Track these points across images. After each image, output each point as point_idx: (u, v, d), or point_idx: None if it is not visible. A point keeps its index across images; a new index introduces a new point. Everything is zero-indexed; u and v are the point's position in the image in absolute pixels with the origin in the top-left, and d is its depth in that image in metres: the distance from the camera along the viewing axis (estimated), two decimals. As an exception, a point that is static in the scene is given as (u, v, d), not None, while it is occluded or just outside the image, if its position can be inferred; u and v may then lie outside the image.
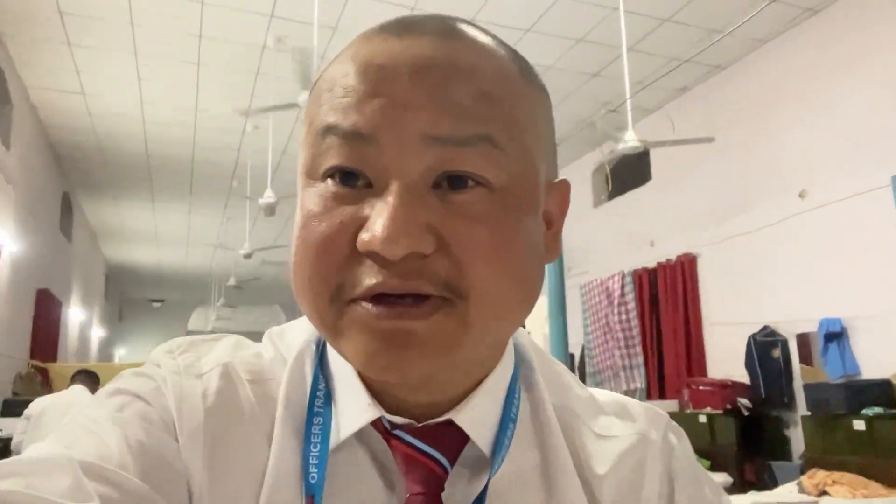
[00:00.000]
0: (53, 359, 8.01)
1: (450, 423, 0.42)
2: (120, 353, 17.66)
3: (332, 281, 0.37)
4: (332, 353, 0.45)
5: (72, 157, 7.69)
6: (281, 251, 8.79)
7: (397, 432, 0.42)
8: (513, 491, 0.43)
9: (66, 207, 8.81)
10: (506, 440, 0.43)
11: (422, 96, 0.37)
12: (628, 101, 4.10)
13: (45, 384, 6.43)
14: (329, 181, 0.39)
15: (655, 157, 6.35)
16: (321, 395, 0.44)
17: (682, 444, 0.51)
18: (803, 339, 4.97)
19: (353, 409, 0.42)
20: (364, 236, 0.36)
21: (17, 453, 3.41)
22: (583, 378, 6.44)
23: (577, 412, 0.49)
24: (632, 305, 6.15)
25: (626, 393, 5.39)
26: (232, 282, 10.46)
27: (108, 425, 0.39)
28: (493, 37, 0.42)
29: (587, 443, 0.47)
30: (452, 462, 0.42)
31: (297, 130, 6.63)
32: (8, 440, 3.61)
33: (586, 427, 0.48)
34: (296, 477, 0.41)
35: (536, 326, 6.28)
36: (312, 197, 0.39)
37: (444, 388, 0.42)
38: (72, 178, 8.50)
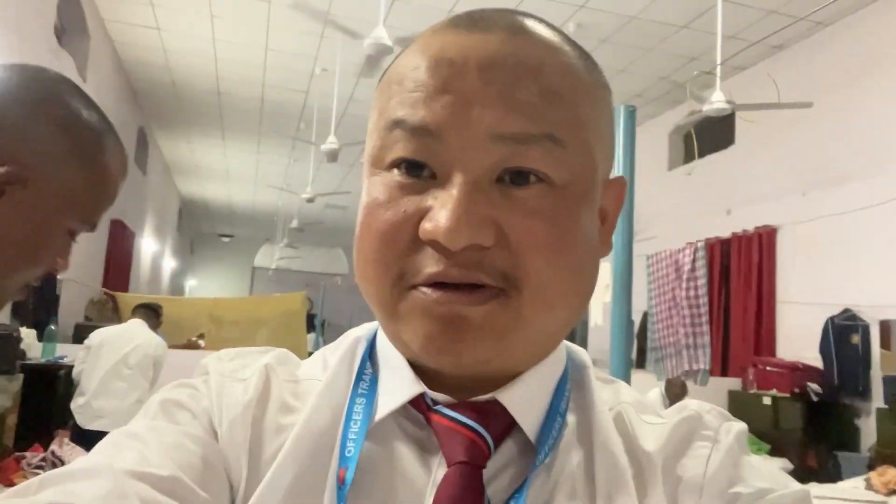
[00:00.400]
0: (125, 288, 8.40)
1: (495, 402, 0.42)
2: (190, 284, 18.50)
3: (395, 267, 0.39)
4: (381, 343, 0.47)
5: (147, 91, 7.85)
6: (343, 197, 8.83)
7: (438, 407, 0.42)
8: (556, 488, 0.41)
9: (142, 141, 9.07)
10: (553, 431, 0.42)
11: (490, 94, 0.38)
12: (718, 58, 3.76)
13: (116, 311, 6.73)
14: (395, 171, 0.40)
15: (741, 119, 5.95)
16: (367, 379, 0.45)
17: (738, 436, 0.45)
18: (886, 326, 4.68)
19: (397, 388, 0.43)
20: (427, 226, 0.37)
21: (78, 382, 3.57)
22: (642, 352, 6.25)
23: (631, 405, 0.47)
24: (702, 281, 5.85)
25: (688, 374, 5.20)
26: (295, 224, 10.65)
27: (148, 434, 0.41)
28: (561, 33, 0.43)
29: (638, 428, 0.45)
30: (497, 443, 0.42)
31: (363, 83, 6.55)
32: (71, 367, 3.75)
33: (638, 418, 0.46)
34: (334, 452, 0.42)
35: (597, 294, 6.09)
36: (378, 185, 0.41)
37: (498, 378, 0.42)
38: (147, 113, 8.71)
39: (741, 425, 0.45)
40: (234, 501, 0.42)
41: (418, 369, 0.43)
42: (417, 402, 0.43)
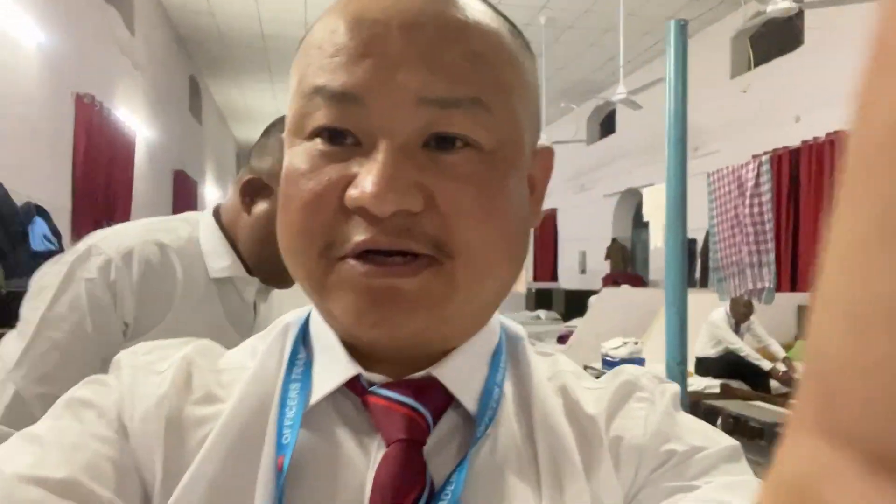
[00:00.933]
0: (194, 234, 8.70)
1: (431, 378, 0.41)
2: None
3: (321, 238, 0.38)
4: (314, 325, 0.46)
5: (194, 40, 7.89)
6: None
7: (374, 388, 0.41)
8: (498, 459, 0.41)
9: (194, 90, 9.20)
10: (492, 403, 0.42)
11: (414, 56, 0.37)
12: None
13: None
14: (317, 140, 0.39)
15: (812, 17, 5.51)
16: (300, 364, 0.44)
17: (673, 397, 0.46)
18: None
19: (332, 371, 0.42)
20: (353, 192, 0.36)
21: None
22: (704, 272, 6.09)
23: (571, 373, 0.47)
24: (767, 197, 5.59)
25: (752, 293, 5.06)
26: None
27: (48, 435, 0.39)
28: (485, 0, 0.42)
29: (579, 395, 0.45)
30: (436, 418, 0.41)
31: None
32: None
33: (579, 384, 0.46)
34: (267, 440, 0.40)
35: (655, 216, 5.93)
36: (299, 155, 0.39)
37: (430, 349, 0.42)
38: (196, 62, 8.79)
39: (675, 386, 0.46)
40: (151, 498, 0.39)
41: (352, 348, 0.42)
42: (353, 384, 0.42)
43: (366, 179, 0.36)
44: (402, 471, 0.38)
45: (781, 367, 4.81)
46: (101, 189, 5.00)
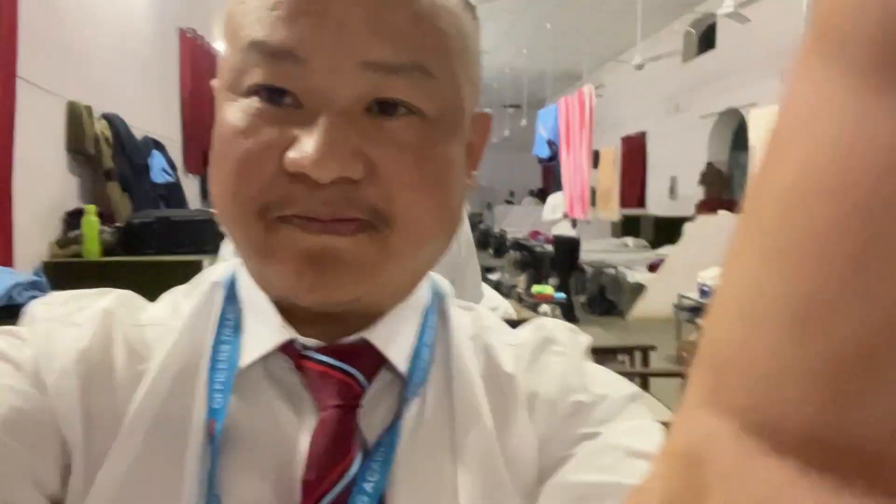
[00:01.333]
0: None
1: (364, 342, 0.42)
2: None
3: (258, 199, 0.37)
4: (243, 285, 0.44)
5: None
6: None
7: (308, 353, 0.41)
8: (426, 418, 0.42)
9: None
10: (421, 363, 0.43)
11: (358, 17, 0.36)
12: None
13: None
14: (254, 98, 0.37)
15: None
16: (230, 325, 0.43)
17: (584, 348, 0.48)
18: None
19: (264, 334, 0.42)
20: (293, 155, 0.36)
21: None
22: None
23: (491, 329, 0.49)
24: None
25: None
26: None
27: None
28: None
29: (500, 352, 0.47)
30: (369, 380, 0.42)
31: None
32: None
33: (499, 340, 0.48)
34: (196, 403, 0.39)
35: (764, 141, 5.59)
36: (235, 112, 0.38)
37: (363, 312, 0.42)
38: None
39: (587, 338, 0.49)
40: (71, 456, 0.38)
41: (284, 311, 0.42)
42: (286, 348, 0.42)
43: (307, 143, 0.35)
44: (336, 437, 0.39)
45: None
46: (207, 120, 5.20)
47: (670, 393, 3.08)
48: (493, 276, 7.71)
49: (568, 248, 6.85)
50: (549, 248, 9.52)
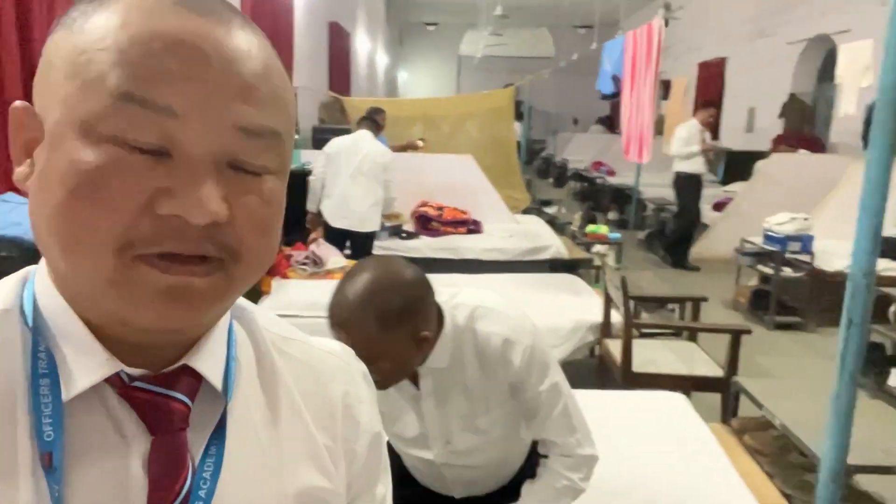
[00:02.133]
0: (347, 87, 8.95)
1: (188, 368, 0.46)
2: (402, 77, 19.12)
3: (123, 236, 0.39)
4: (49, 313, 0.44)
5: None
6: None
7: (137, 384, 0.44)
8: (246, 417, 0.49)
9: (344, -66, 8.95)
10: (232, 375, 0.49)
11: (234, 86, 0.41)
12: None
13: (343, 112, 7.28)
14: (115, 140, 0.39)
15: None
16: (43, 357, 0.43)
17: (365, 375, 0.61)
18: None
19: (88, 364, 0.43)
20: (172, 202, 0.39)
21: (323, 185, 4.05)
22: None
23: (279, 336, 0.56)
24: None
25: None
26: (498, 11, 10.16)
27: None
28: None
29: (284, 362, 0.54)
30: (192, 400, 0.46)
31: None
32: (309, 172, 4.18)
33: (281, 350, 0.55)
34: (20, 439, 0.41)
35: (850, 77, 5.13)
36: (93, 149, 0.39)
37: (190, 335, 0.46)
38: None
39: (362, 366, 0.61)
40: None
41: (104, 338, 0.43)
42: (111, 378, 0.43)
43: (187, 192, 0.39)
44: (171, 457, 0.44)
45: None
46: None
47: (718, 346, 3.01)
48: (549, 210, 7.58)
49: (695, 190, 6.08)
50: (611, 180, 9.26)
